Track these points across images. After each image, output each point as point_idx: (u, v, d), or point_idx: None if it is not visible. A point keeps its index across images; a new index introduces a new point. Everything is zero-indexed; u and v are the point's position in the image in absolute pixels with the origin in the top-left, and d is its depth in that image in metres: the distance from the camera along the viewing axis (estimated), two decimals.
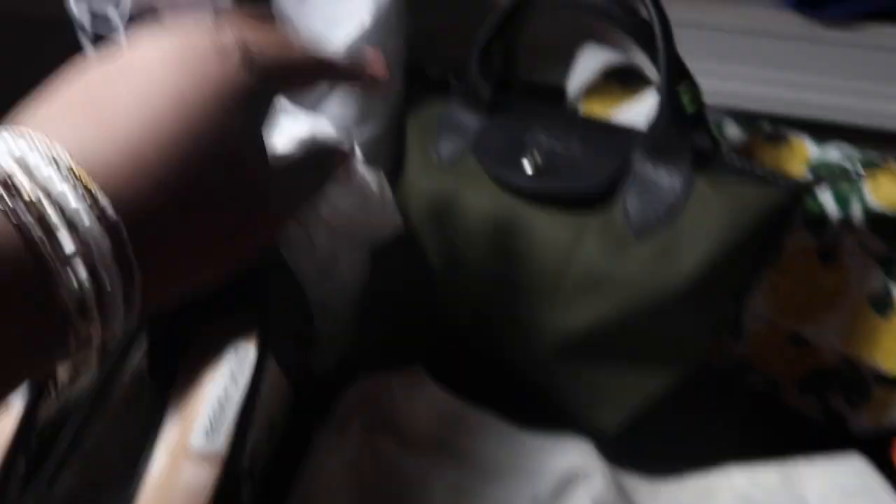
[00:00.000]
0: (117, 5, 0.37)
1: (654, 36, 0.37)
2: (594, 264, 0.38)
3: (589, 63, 0.50)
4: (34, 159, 0.20)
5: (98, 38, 0.38)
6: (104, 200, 0.20)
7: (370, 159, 0.47)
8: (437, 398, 0.37)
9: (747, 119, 0.45)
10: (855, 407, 0.42)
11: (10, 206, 0.19)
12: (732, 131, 0.44)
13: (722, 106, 0.53)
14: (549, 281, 0.39)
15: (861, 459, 0.36)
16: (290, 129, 0.40)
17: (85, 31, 0.39)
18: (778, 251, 0.41)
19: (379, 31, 0.44)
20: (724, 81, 0.53)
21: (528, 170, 0.41)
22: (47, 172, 0.19)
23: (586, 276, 0.38)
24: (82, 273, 0.19)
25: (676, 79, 0.38)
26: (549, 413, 0.41)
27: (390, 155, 0.49)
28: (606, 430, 0.39)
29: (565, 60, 0.52)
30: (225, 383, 0.35)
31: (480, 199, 0.42)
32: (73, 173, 0.20)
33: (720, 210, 0.36)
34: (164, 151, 0.22)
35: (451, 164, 0.44)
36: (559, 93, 0.52)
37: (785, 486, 0.35)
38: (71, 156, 0.20)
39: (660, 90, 0.38)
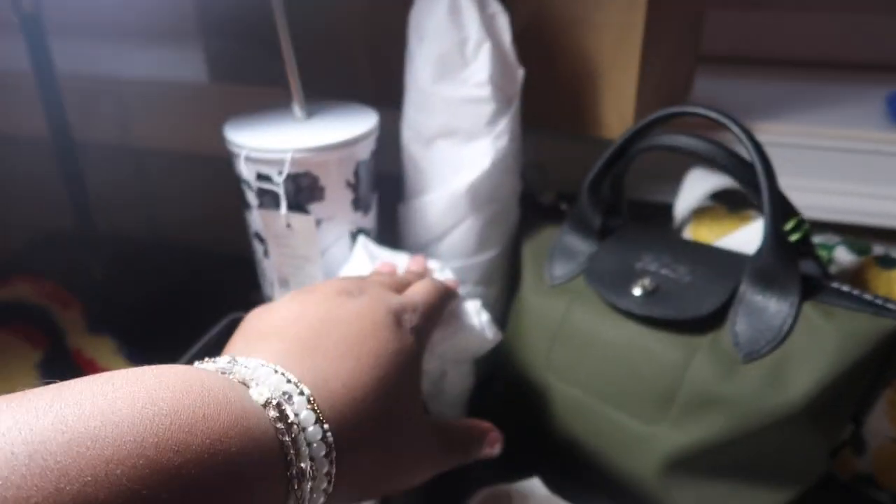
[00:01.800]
0: (280, 172, 0.44)
1: (757, 178, 0.40)
2: (704, 384, 0.40)
3: (696, 185, 0.53)
4: (289, 388, 0.26)
5: (262, 194, 0.46)
6: (328, 427, 0.26)
7: (488, 280, 0.52)
8: (550, 500, 0.40)
9: (859, 242, 0.46)
10: None
11: (280, 426, 0.24)
12: (842, 254, 0.46)
13: (835, 221, 0.54)
14: (661, 399, 0.42)
15: None
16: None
17: (250, 187, 0.46)
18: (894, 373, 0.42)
19: (497, 172, 0.49)
20: (834, 198, 0.55)
21: (639, 294, 0.44)
22: (299, 401, 0.25)
23: (696, 396, 0.40)
24: (307, 490, 0.25)
25: (781, 216, 0.40)
26: None
27: (506, 275, 0.53)
28: None
29: (674, 180, 0.55)
30: None
31: (591, 319, 0.45)
32: (312, 404, 0.26)
33: (829, 338, 0.38)
34: (364, 395, 0.29)
35: (564, 285, 0.48)
36: (667, 210, 0.55)
37: None
38: (310, 390, 0.26)
39: (765, 224, 0.40)
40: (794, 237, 0.40)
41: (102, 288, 0.68)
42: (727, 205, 0.52)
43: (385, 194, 0.53)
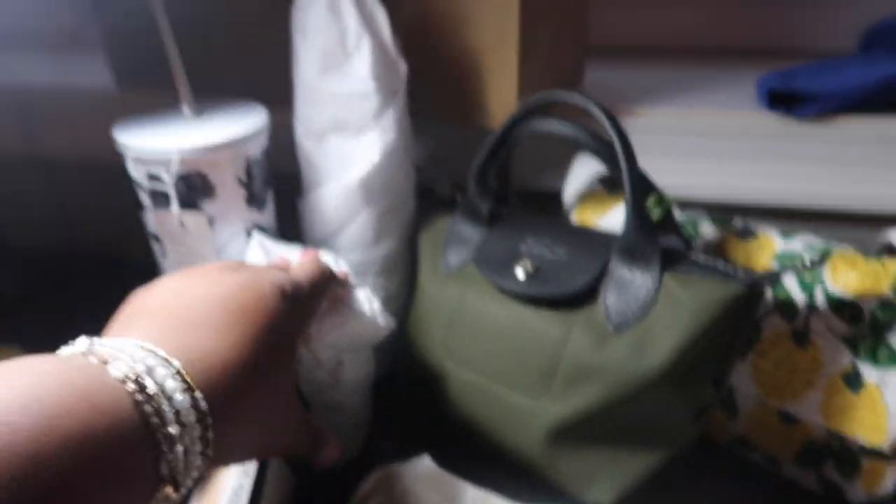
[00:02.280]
0: (168, 169, 0.45)
1: (617, 156, 0.43)
2: (581, 357, 0.43)
3: (580, 171, 0.56)
4: (154, 361, 0.27)
5: (154, 195, 0.47)
6: (199, 395, 0.27)
7: (388, 271, 0.54)
8: (443, 481, 0.42)
9: (721, 217, 0.50)
10: (848, 478, 0.44)
11: (139, 398, 0.26)
12: (707, 229, 0.49)
13: (707, 200, 0.58)
14: (544, 374, 0.44)
15: None
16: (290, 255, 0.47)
17: (142, 188, 0.47)
18: (752, 336, 0.45)
19: (388, 165, 0.51)
20: (708, 177, 0.58)
21: (521, 276, 0.46)
22: (162, 373, 0.27)
23: (575, 368, 0.43)
24: (180, 452, 0.26)
25: (642, 193, 0.43)
26: (548, 493, 0.45)
27: (406, 266, 0.55)
28: None
29: (562, 169, 0.58)
30: (238, 477, 0.41)
31: (482, 302, 0.48)
32: (181, 376, 0.27)
33: (685, 305, 0.41)
34: (245, 365, 0.30)
35: (458, 272, 0.50)
36: (556, 198, 0.58)
37: None
38: (180, 363, 0.28)
39: (626, 203, 0.43)
40: (655, 213, 0.43)
41: (13, 301, 0.67)
42: (609, 188, 0.55)
43: (287, 191, 0.54)
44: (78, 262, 0.78)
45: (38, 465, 0.22)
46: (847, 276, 0.41)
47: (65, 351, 0.28)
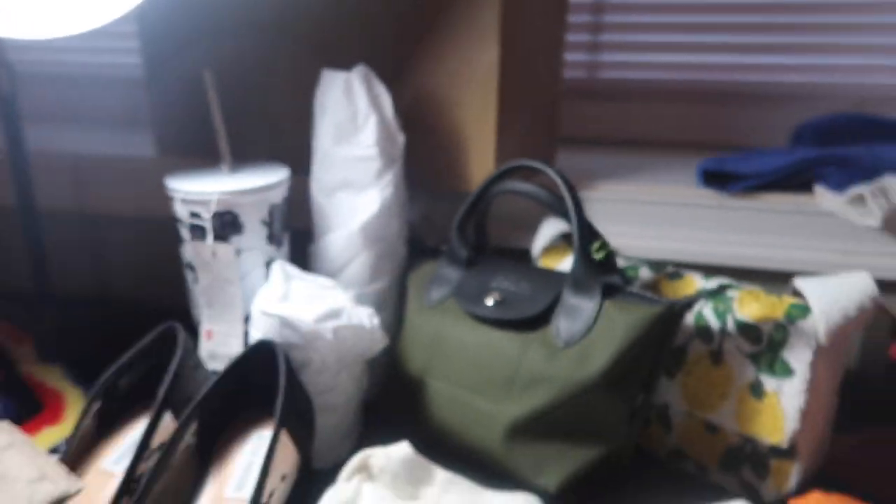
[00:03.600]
0: (207, 208, 0.56)
1: (568, 209, 0.54)
2: (536, 368, 0.52)
3: (547, 231, 0.67)
4: None
5: (193, 229, 0.58)
6: None
7: (380, 305, 0.64)
8: (417, 463, 0.50)
9: (657, 263, 0.60)
10: (761, 479, 0.52)
11: None
12: (645, 273, 0.59)
13: (650, 256, 0.69)
14: (505, 382, 0.53)
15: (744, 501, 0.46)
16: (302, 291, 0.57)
17: (184, 224, 0.58)
18: (679, 358, 0.55)
19: (385, 215, 0.62)
20: (652, 240, 0.70)
21: (490, 303, 0.56)
22: None
23: (530, 377, 0.52)
24: None
25: (587, 237, 0.54)
26: (505, 481, 0.53)
27: (394, 301, 0.65)
28: (550, 490, 0.51)
29: (532, 231, 0.69)
30: (249, 455, 0.50)
31: (457, 328, 0.58)
32: None
33: (619, 323, 0.50)
34: None
35: (438, 305, 0.60)
36: (527, 254, 0.69)
37: None
38: None
39: (574, 246, 0.54)
40: (598, 255, 0.54)
41: (54, 331, 0.77)
42: (569, 242, 0.66)
43: (301, 244, 0.65)
44: (109, 303, 0.88)
45: None
46: (751, 307, 0.51)
47: None
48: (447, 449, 0.57)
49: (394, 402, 0.61)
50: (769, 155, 0.73)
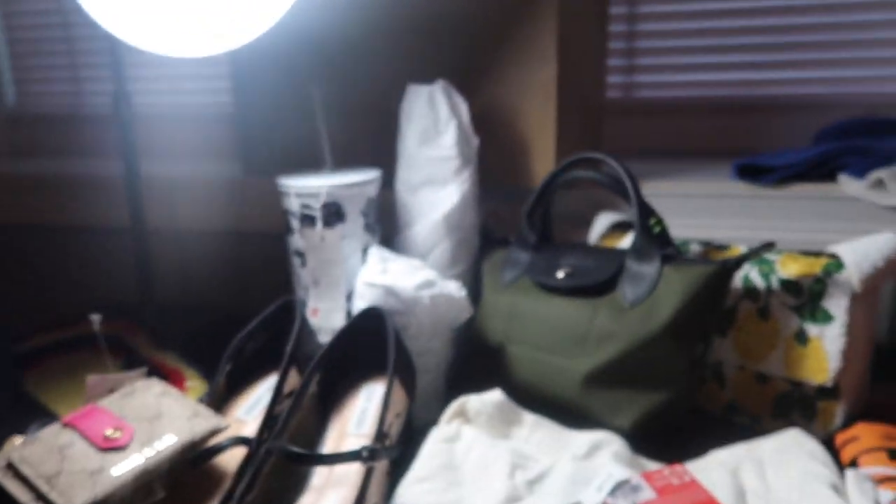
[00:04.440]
0: (317, 199, 0.66)
1: (628, 191, 0.63)
2: (606, 326, 0.60)
3: (602, 222, 0.76)
4: None
5: (304, 218, 0.67)
6: None
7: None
8: (509, 407, 0.58)
9: (704, 241, 0.69)
10: (809, 421, 0.60)
11: None
12: (695, 247, 0.68)
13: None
14: (579, 340, 0.62)
15: (798, 430, 0.53)
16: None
17: (295, 215, 0.68)
18: (731, 318, 0.62)
19: (463, 207, 0.71)
20: (692, 230, 0.78)
21: (561, 276, 0.65)
22: None
23: (601, 334, 0.60)
24: None
25: (646, 214, 0.62)
26: (583, 423, 0.60)
27: (471, 283, 0.74)
28: (624, 428, 0.58)
29: (586, 225, 0.78)
30: (364, 402, 0.59)
31: (531, 300, 0.66)
32: None
33: (678, 282, 0.59)
34: None
35: (511, 285, 0.69)
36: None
37: (748, 450, 0.53)
38: None
39: (634, 222, 0.62)
40: (656, 229, 0.62)
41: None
42: (619, 230, 0.74)
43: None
44: (193, 310, 0.96)
45: None
46: (792, 266, 0.60)
47: None
48: (528, 403, 0.65)
49: (476, 370, 0.69)
50: (795, 151, 0.82)
